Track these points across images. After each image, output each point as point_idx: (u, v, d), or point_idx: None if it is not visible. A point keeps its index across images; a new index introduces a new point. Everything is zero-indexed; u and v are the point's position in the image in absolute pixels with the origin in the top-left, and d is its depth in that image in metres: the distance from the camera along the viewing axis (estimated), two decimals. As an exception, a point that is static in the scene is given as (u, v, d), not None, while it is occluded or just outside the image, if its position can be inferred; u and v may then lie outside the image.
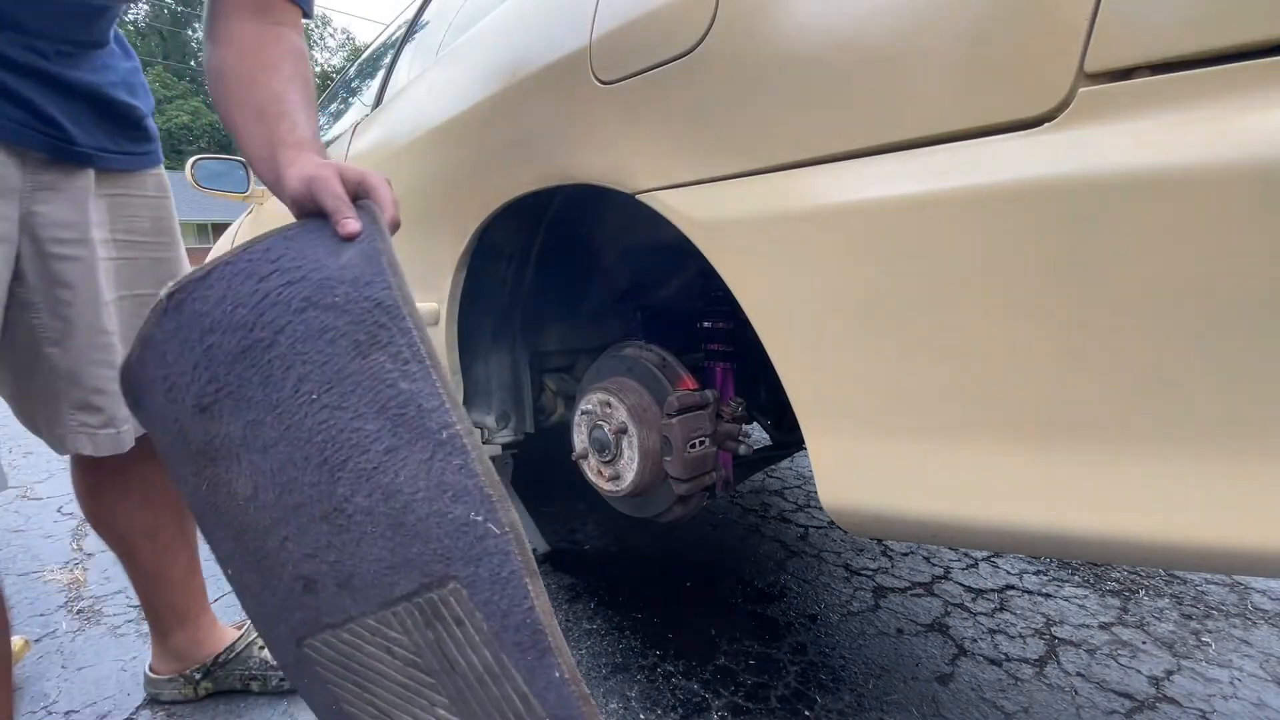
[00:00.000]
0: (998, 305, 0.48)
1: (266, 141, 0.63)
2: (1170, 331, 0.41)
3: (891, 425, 0.56)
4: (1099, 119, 0.42)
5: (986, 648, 1.20)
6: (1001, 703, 1.04)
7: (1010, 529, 0.51)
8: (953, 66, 0.48)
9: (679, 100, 0.69)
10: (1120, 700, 1.06)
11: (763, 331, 0.64)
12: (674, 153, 0.70)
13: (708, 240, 0.67)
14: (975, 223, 0.47)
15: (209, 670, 1.09)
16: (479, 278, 1.17)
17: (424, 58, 1.51)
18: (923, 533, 0.60)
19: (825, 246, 0.57)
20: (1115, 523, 0.45)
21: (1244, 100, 0.37)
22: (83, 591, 1.42)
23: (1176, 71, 0.39)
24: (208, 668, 1.09)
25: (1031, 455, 0.49)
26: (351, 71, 2.37)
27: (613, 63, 0.77)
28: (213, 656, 1.10)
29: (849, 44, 0.54)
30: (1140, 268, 0.41)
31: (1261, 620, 1.31)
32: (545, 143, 0.89)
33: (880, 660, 1.15)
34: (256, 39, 0.69)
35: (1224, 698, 1.07)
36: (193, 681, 1.09)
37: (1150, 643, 1.23)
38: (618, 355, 1.05)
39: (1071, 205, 0.43)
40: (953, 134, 0.49)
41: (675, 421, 0.89)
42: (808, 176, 0.58)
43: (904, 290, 0.52)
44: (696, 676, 1.10)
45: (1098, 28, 0.41)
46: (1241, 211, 0.37)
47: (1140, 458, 0.44)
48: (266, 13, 0.71)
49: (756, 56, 0.61)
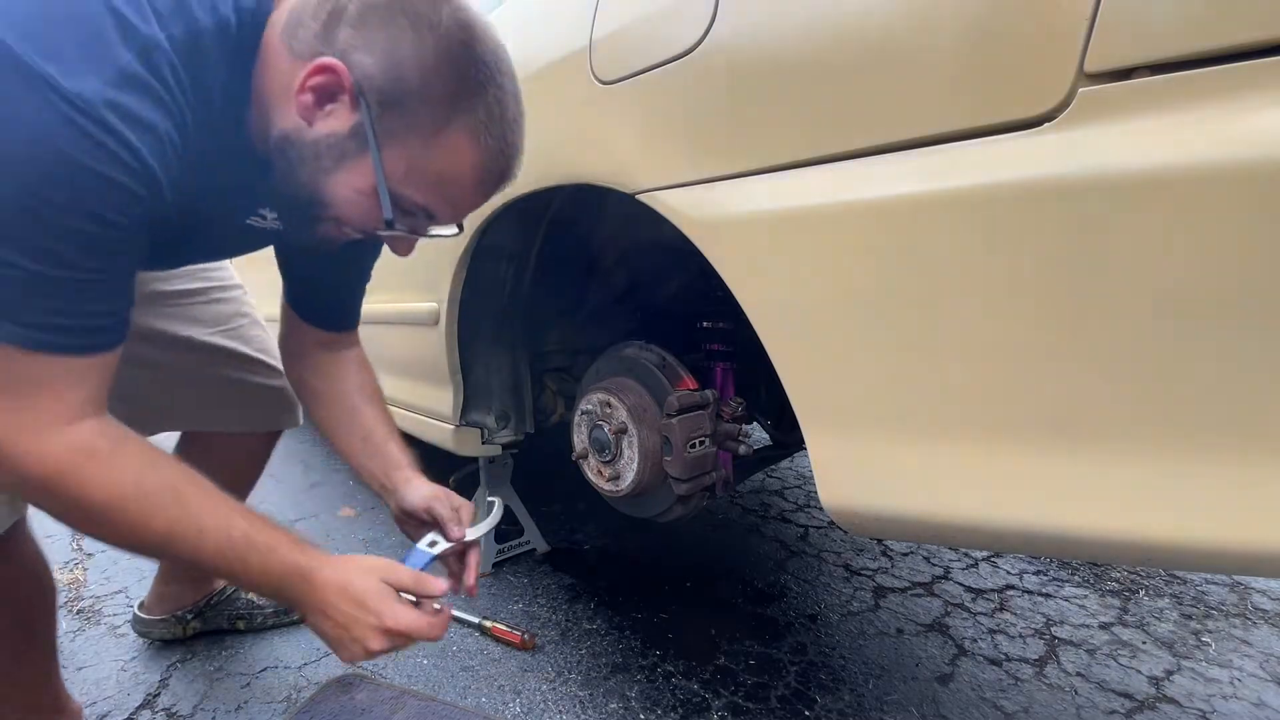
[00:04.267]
0: (997, 305, 0.48)
1: (376, 462, 0.83)
2: (1170, 331, 0.41)
3: (891, 425, 0.56)
4: (1099, 119, 0.42)
5: (986, 648, 1.20)
6: (1001, 703, 1.04)
7: (1010, 529, 0.51)
8: (953, 66, 0.48)
9: (679, 100, 0.69)
10: (1120, 700, 1.06)
11: (763, 331, 0.64)
12: (674, 153, 0.70)
13: (708, 240, 0.67)
14: (975, 223, 0.47)
15: (200, 611, 1.14)
16: (479, 278, 1.17)
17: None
18: (923, 533, 0.60)
19: (825, 246, 0.57)
20: (1115, 523, 0.45)
21: (1244, 100, 0.37)
22: (83, 591, 1.42)
23: (1176, 71, 0.39)
24: (200, 608, 1.14)
25: (1031, 455, 0.49)
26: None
27: (613, 63, 0.77)
28: (205, 597, 1.14)
29: (849, 44, 0.54)
30: (1140, 267, 0.41)
31: (1261, 620, 1.31)
32: (545, 143, 0.89)
33: (880, 660, 1.15)
34: (335, 368, 0.88)
35: (1224, 698, 1.07)
36: (183, 622, 1.15)
37: (1150, 643, 1.23)
38: (618, 355, 1.05)
39: (1071, 205, 0.43)
40: (953, 134, 0.49)
41: (675, 421, 0.89)
42: (808, 176, 0.58)
43: (904, 290, 0.52)
44: (696, 676, 1.10)
45: (1098, 28, 0.41)
46: (1241, 211, 0.37)
47: (1140, 458, 0.44)
48: (332, 346, 0.88)
49: (756, 56, 0.61)
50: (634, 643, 1.20)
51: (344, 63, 0.51)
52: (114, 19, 0.44)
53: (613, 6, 0.79)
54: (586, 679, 1.10)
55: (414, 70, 0.52)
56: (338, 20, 0.52)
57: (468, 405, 1.30)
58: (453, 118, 0.54)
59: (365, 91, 0.52)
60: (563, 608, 1.33)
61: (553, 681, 1.09)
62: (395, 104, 0.52)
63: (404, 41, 0.51)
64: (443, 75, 0.53)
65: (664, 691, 1.06)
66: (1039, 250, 0.45)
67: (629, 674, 1.11)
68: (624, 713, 1.02)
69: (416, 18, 0.52)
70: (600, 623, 1.27)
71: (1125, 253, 0.41)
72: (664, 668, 1.13)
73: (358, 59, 0.52)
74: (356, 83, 0.52)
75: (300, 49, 0.53)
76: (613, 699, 1.05)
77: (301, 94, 0.52)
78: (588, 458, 1.04)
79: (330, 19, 0.52)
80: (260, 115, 0.56)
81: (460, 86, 0.53)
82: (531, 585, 1.43)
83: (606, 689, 1.07)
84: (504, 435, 1.33)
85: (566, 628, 1.26)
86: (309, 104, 0.53)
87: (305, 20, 0.53)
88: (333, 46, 0.52)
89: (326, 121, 0.54)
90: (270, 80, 0.55)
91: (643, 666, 1.13)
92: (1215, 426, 0.41)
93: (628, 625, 1.26)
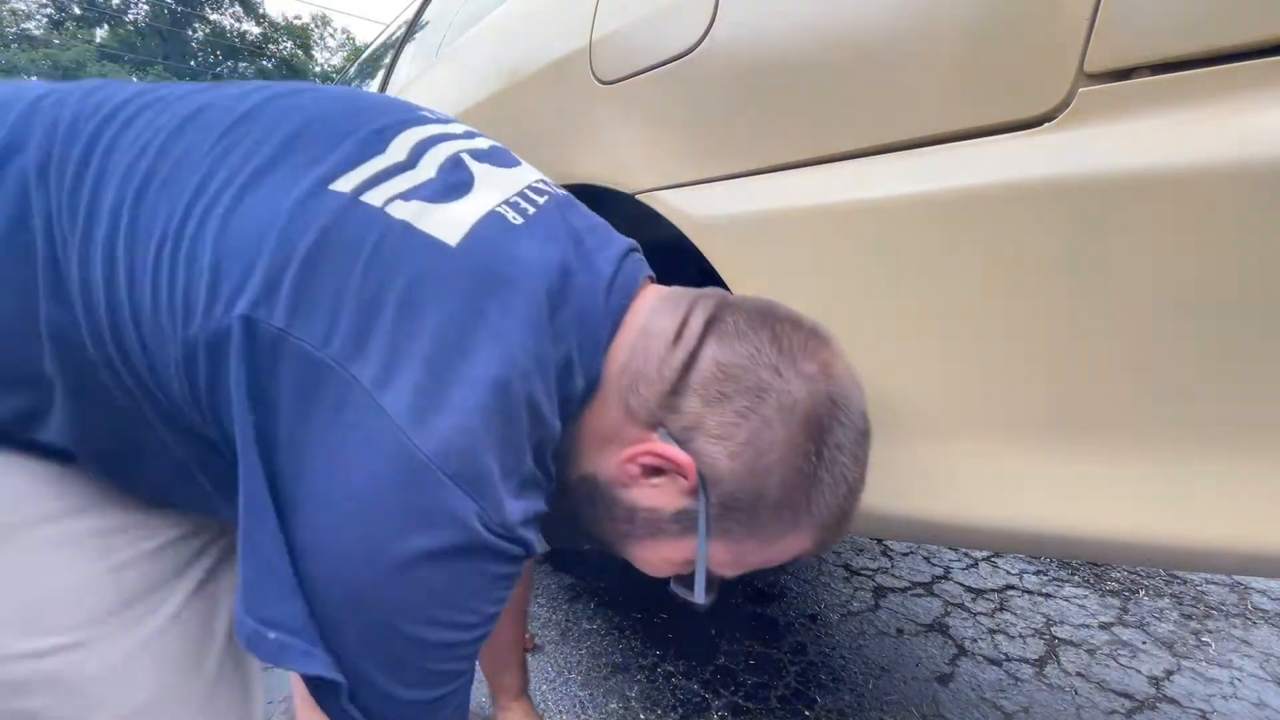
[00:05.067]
0: (997, 305, 0.48)
1: (492, 670, 0.87)
2: (1170, 331, 0.41)
3: (891, 425, 0.56)
4: (1099, 119, 0.42)
5: (986, 648, 1.20)
6: (1001, 703, 1.04)
7: (1011, 529, 0.51)
8: (953, 66, 0.48)
9: (679, 100, 0.69)
10: (1120, 700, 1.06)
11: (763, 331, 0.64)
12: (674, 152, 0.70)
13: (707, 240, 0.67)
14: (975, 223, 0.47)
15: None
16: (479, 278, 1.17)
17: (424, 57, 1.51)
18: (923, 533, 0.60)
19: (825, 247, 0.57)
20: (1116, 523, 0.45)
21: (1244, 100, 0.37)
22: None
23: (1176, 71, 0.39)
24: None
25: (1031, 455, 0.49)
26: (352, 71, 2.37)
27: (613, 63, 0.77)
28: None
29: (849, 43, 0.54)
30: (1140, 268, 0.41)
31: (1261, 620, 1.31)
32: (545, 143, 0.89)
33: (880, 660, 1.15)
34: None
35: (1224, 698, 1.07)
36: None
37: (1150, 643, 1.22)
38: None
39: (1071, 205, 0.43)
40: (953, 134, 0.48)
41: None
42: (807, 176, 0.58)
43: (903, 290, 0.52)
44: (696, 676, 1.10)
45: (1098, 28, 0.41)
46: (1241, 211, 0.37)
47: (1140, 458, 0.44)
48: None
49: (756, 56, 0.61)
50: (634, 643, 1.20)
51: (689, 452, 0.43)
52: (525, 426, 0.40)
53: (613, 6, 0.79)
54: (586, 679, 1.10)
55: (774, 480, 0.43)
56: (685, 383, 0.43)
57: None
58: (800, 521, 0.45)
59: (709, 488, 0.43)
60: (563, 608, 1.33)
61: (553, 681, 1.09)
62: (742, 510, 0.44)
63: (765, 440, 0.42)
64: (802, 483, 0.43)
65: (664, 691, 1.06)
66: (1039, 250, 0.45)
67: (629, 674, 1.11)
68: (624, 713, 1.02)
69: (782, 405, 0.42)
70: (600, 623, 1.27)
71: (1125, 253, 0.41)
72: (664, 668, 1.13)
73: (706, 449, 0.43)
74: (701, 478, 0.43)
75: (637, 408, 0.44)
76: (613, 699, 1.05)
77: (630, 464, 0.45)
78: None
79: (679, 381, 0.43)
80: (572, 441, 0.47)
81: (815, 492, 0.44)
82: (531, 585, 1.43)
83: (606, 689, 1.07)
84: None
85: (566, 628, 1.26)
86: (635, 474, 0.45)
87: (648, 374, 0.44)
88: (677, 415, 0.43)
89: (648, 493, 0.46)
90: (595, 418, 0.47)
91: (643, 666, 1.13)
92: (1216, 426, 0.41)
93: (628, 625, 1.26)
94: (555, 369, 0.42)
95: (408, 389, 0.36)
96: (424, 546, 0.36)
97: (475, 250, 0.40)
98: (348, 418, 0.36)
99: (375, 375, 0.36)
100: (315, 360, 0.36)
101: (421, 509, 0.36)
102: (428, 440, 0.35)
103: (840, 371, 0.45)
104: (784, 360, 0.43)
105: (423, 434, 0.35)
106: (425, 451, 0.35)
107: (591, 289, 0.45)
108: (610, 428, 0.46)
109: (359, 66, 2.28)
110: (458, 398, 0.36)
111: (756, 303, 0.48)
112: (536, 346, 0.40)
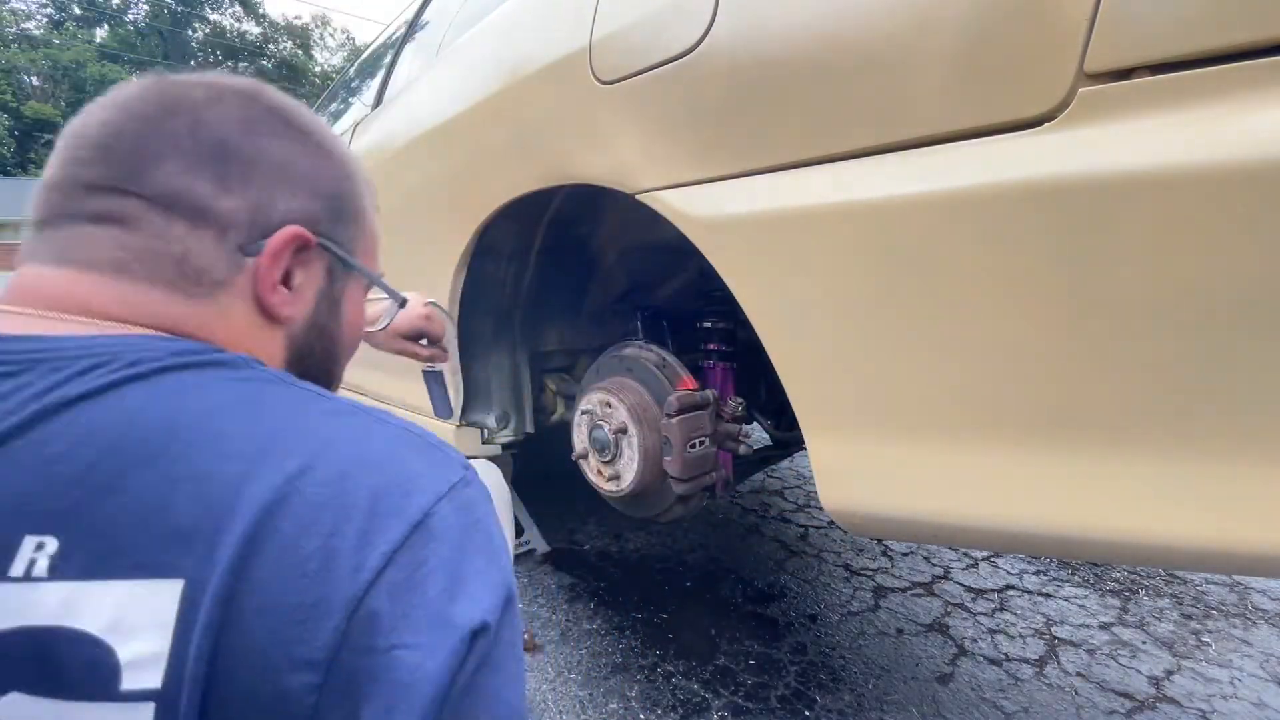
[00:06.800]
0: (997, 305, 0.48)
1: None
2: (1169, 331, 0.41)
3: (891, 425, 0.56)
4: (1099, 119, 0.42)
5: (986, 648, 1.20)
6: (1001, 703, 1.04)
7: (1010, 529, 0.51)
8: (953, 67, 0.48)
9: (679, 100, 0.69)
10: (1120, 700, 1.06)
11: (762, 331, 0.64)
12: (674, 153, 0.70)
13: (707, 240, 0.67)
14: (975, 222, 0.47)
15: None
16: (479, 278, 1.17)
17: (424, 57, 1.51)
18: (923, 533, 0.60)
19: (825, 246, 0.57)
20: (1115, 523, 0.45)
21: (1244, 100, 0.37)
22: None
23: (1176, 71, 0.39)
24: None
25: (1031, 455, 0.49)
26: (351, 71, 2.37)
27: (613, 63, 0.77)
28: None
29: (849, 44, 0.54)
30: (1140, 267, 0.41)
31: (1261, 620, 1.31)
32: (545, 143, 0.89)
33: (880, 660, 1.15)
34: None
35: (1224, 698, 1.07)
36: None
37: (1150, 643, 1.22)
38: (618, 355, 1.05)
39: (1071, 205, 0.43)
40: (953, 134, 0.49)
41: (675, 421, 0.89)
42: (808, 176, 0.58)
43: (904, 290, 0.52)
44: (696, 676, 1.10)
45: (1098, 28, 0.41)
46: (1241, 211, 0.37)
47: (1140, 458, 0.44)
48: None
49: (756, 56, 0.61)
50: (634, 643, 1.20)
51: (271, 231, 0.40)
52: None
53: (613, 7, 0.79)
54: (586, 679, 1.10)
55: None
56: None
57: (468, 405, 1.30)
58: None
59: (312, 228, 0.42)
60: (563, 608, 1.33)
61: (553, 681, 1.09)
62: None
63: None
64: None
65: (664, 691, 1.06)
66: (1039, 250, 0.45)
67: (629, 674, 1.11)
68: (624, 713, 1.02)
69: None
70: (600, 623, 1.27)
71: (1125, 252, 0.41)
72: (664, 668, 1.13)
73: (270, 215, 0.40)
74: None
75: (213, 267, 0.40)
76: (613, 699, 1.05)
77: (274, 291, 0.41)
78: (588, 457, 1.04)
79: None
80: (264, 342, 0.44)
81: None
82: (531, 585, 1.43)
83: (606, 689, 1.07)
84: (504, 435, 1.33)
85: (566, 628, 1.25)
86: (283, 292, 0.43)
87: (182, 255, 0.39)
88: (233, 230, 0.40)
89: (307, 289, 0.44)
90: (233, 317, 0.42)
91: (643, 666, 1.13)
92: (1216, 426, 0.41)
93: (628, 625, 1.26)
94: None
95: None
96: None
97: None
98: None
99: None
100: None
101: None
102: None
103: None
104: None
105: None
106: None
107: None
108: (243, 304, 0.40)
109: (359, 66, 2.28)
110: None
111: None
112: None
